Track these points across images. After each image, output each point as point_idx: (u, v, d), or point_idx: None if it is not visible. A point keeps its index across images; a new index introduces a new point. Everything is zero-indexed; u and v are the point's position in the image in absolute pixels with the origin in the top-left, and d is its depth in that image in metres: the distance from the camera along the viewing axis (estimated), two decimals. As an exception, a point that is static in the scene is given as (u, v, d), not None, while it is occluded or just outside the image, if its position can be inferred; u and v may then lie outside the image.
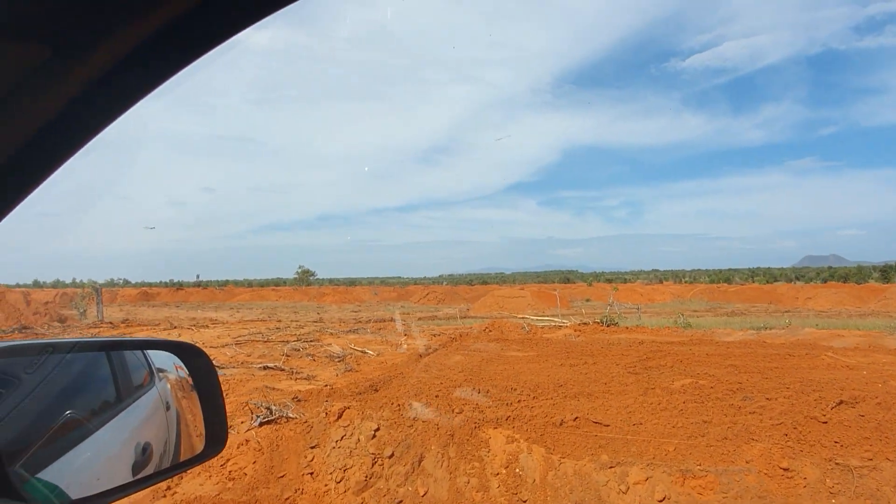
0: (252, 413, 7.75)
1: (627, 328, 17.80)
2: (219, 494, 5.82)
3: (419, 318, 29.24)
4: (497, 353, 12.35)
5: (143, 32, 0.70)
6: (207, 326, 22.72)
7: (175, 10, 0.69)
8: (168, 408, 1.63)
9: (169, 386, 1.66)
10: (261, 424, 7.21)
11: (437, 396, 7.34)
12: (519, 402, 7.18)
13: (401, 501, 5.54)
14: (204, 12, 0.71)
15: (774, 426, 5.92)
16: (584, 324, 18.55)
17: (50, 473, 1.04)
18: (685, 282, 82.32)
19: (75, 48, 0.69)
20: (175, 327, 22.35)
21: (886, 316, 27.40)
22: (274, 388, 10.48)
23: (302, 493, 5.77)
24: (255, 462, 6.29)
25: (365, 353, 14.30)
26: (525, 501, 5.39)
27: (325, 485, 5.83)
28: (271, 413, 7.21)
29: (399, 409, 6.66)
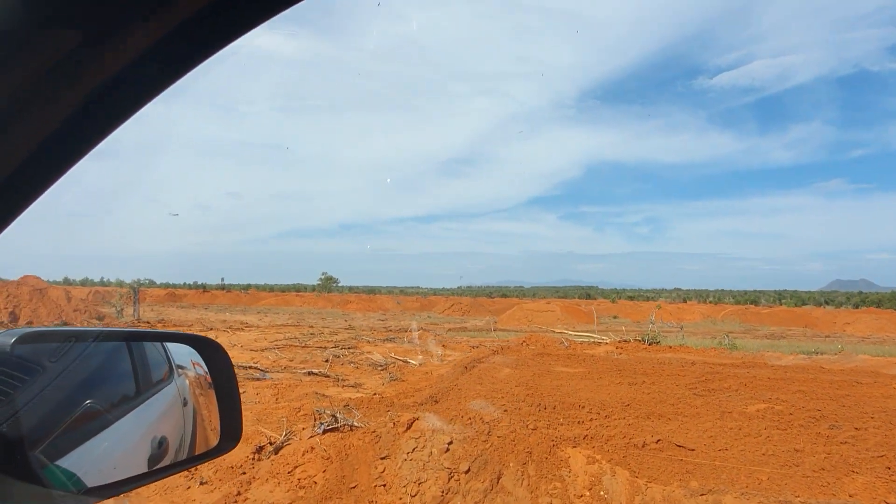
0: (315, 420, 7.63)
1: (670, 347, 17.39)
2: (292, 503, 5.68)
3: (448, 330, 29.04)
4: (545, 367, 12.09)
5: (169, 22, 0.72)
6: (241, 329, 22.81)
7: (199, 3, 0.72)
8: (185, 403, 1.64)
9: (187, 382, 1.67)
10: (324, 432, 7.09)
11: (505, 411, 7.14)
12: (591, 420, 6.94)
13: (481, 520, 5.33)
14: (220, 8, 0.74)
15: (875, 458, 5.60)
16: (625, 341, 18.16)
17: (68, 461, 1.07)
18: (710, 302, 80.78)
19: (105, 35, 0.71)
20: (210, 329, 22.48)
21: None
22: (323, 395, 10.38)
23: (375, 505, 5.60)
24: (325, 471, 6.14)
25: (407, 362, 14.16)
26: (613, 527, 5.15)
27: (400, 498, 5.66)
28: (336, 421, 7.07)
29: (470, 423, 6.47)
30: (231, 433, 1.47)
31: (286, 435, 7.25)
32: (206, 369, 1.52)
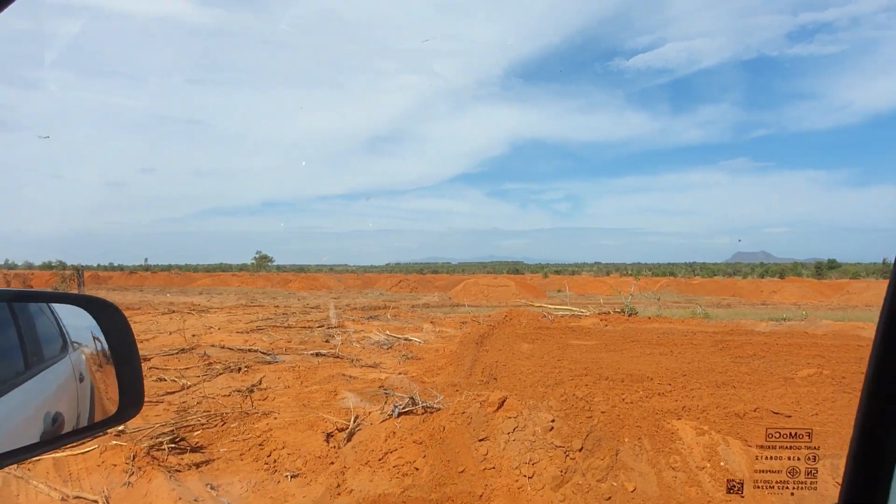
0: (385, 401, 7.25)
1: (650, 318, 17.96)
2: (404, 492, 5.33)
3: (411, 306, 28.73)
4: (560, 341, 12.13)
5: None
6: (206, 311, 21.53)
7: None
8: (82, 379, 1.56)
9: (84, 357, 1.58)
10: (399, 415, 6.74)
11: (587, 385, 7.04)
12: (670, 392, 6.97)
13: (609, 498, 5.21)
14: None
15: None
16: (605, 313, 18.60)
17: None
18: (628, 275, 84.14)
19: None
20: (174, 311, 21.07)
21: (858, 309, 28.81)
22: (351, 377, 9.94)
23: (493, 489, 5.36)
24: (424, 456, 5.82)
25: (409, 340, 13.82)
26: (743, 497, 5.17)
27: (516, 480, 5.44)
28: (414, 403, 6.73)
29: (564, 399, 6.31)
30: (132, 399, 1.36)
31: (356, 421, 6.84)
32: (101, 329, 1.40)
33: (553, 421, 5.92)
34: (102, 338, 1.40)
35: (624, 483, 5.31)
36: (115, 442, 6.30)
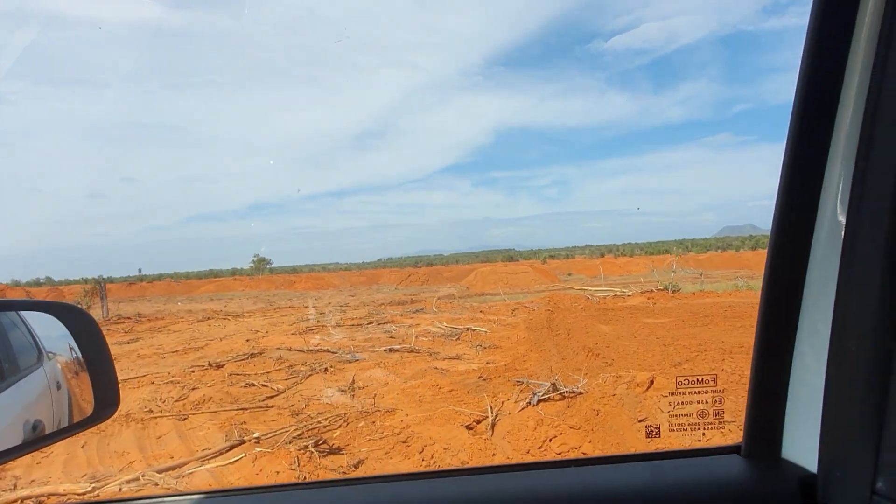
0: (519, 391, 7.14)
1: (694, 294, 17.96)
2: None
3: (437, 298, 28.60)
4: (633, 319, 12.07)
5: None
6: (241, 316, 21.28)
7: None
8: (59, 387, 1.58)
9: (59, 367, 1.60)
10: (538, 402, 6.64)
11: (715, 361, 6.96)
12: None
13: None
14: None
15: None
16: (648, 292, 18.57)
17: None
18: (622, 255, 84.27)
19: None
20: (208, 318, 20.78)
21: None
22: (443, 370, 9.81)
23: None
24: (590, 441, 5.71)
25: (472, 330, 13.69)
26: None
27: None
28: (555, 389, 6.62)
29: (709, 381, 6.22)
30: (107, 399, 1.37)
31: (495, 413, 6.72)
32: (71, 334, 1.40)
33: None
34: (76, 344, 1.40)
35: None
36: (258, 449, 6.15)
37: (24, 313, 1.66)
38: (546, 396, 6.62)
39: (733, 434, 4.18)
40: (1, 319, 1.53)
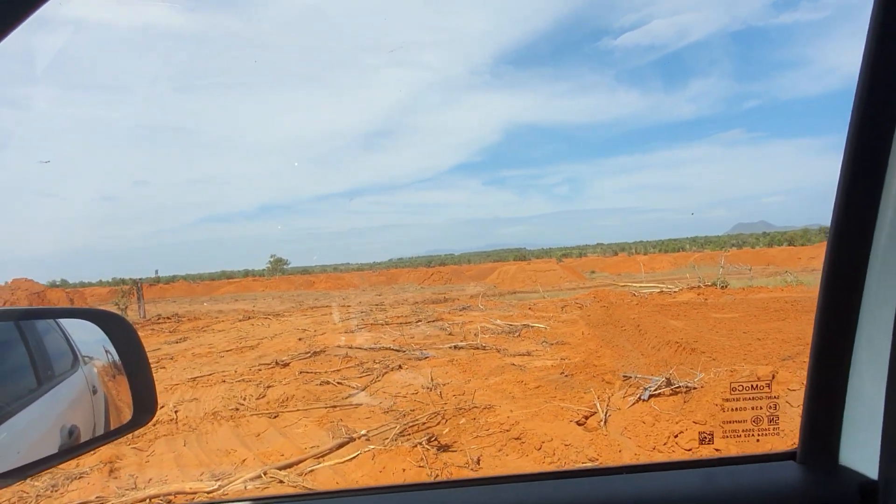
0: (626, 387, 6.98)
1: (743, 289, 17.68)
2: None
3: (469, 296, 28.48)
4: (701, 314, 11.86)
5: None
6: (281, 315, 21.25)
7: None
8: (95, 392, 1.60)
9: (96, 371, 1.62)
10: (649, 397, 6.47)
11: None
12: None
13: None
14: None
15: None
16: (696, 287, 18.32)
17: None
18: (634, 253, 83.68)
19: None
20: (249, 318, 20.77)
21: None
22: (521, 367, 9.67)
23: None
24: (724, 436, 5.54)
25: (530, 326, 13.54)
26: None
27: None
28: (669, 383, 6.45)
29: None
30: (145, 405, 1.38)
31: (605, 408, 6.57)
32: (111, 341, 1.41)
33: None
34: (113, 349, 1.42)
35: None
36: (371, 447, 6.03)
37: (60, 319, 1.68)
38: (658, 392, 6.45)
39: None
40: (37, 326, 1.54)
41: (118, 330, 1.41)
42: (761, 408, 5.78)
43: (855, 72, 1.12)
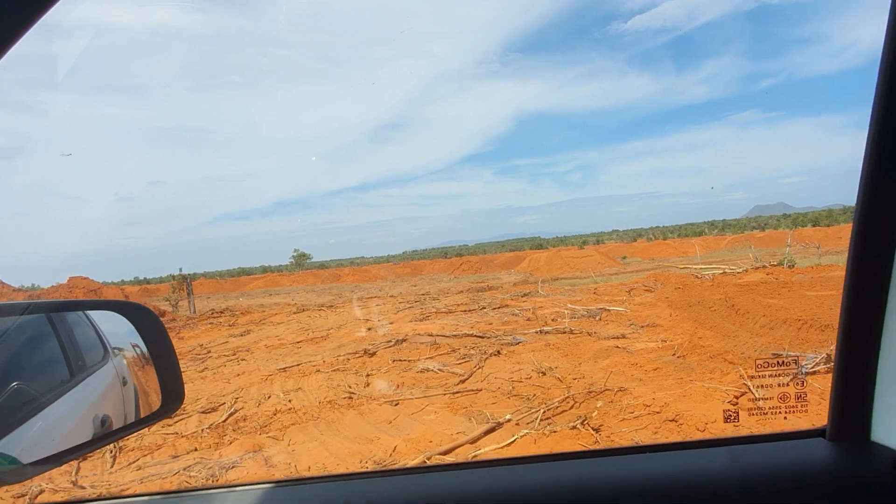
0: (768, 366, 6.70)
1: (813, 268, 17.27)
2: None
3: (512, 284, 28.28)
4: (797, 295, 11.52)
5: None
6: (334, 307, 21.20)
7: None
8: (125, 383, 1.63)
9: (125, 362, 1.65)
10: (805, 374, 6.20)
11: None
12: None
13: None
14: None
15: None
16: (762, 267, 17.93)
17: (3, 445, 1.04)
18: (653, 238, 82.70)
19: None
20: (303, 310, 20.74)
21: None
22: (627, 350, 9.43)
23: None
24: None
25: (608, 310, 13.29)
26: None
27: None
28: (830, 360, 6.19)
29: None
30: (173, 394, 1.40)
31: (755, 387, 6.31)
32: (138, 332, 1.43)
33: None
34: (140, 340, 1.44)
35: None
36: (525, 431, 5.84)
37: (89, 312, 1.70)
38: (814, 370, 6.18)
39: None
40: (69, 318, 1.57)
41: (145, 321, 1.43)
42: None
43: (876, 46, 1.09)
